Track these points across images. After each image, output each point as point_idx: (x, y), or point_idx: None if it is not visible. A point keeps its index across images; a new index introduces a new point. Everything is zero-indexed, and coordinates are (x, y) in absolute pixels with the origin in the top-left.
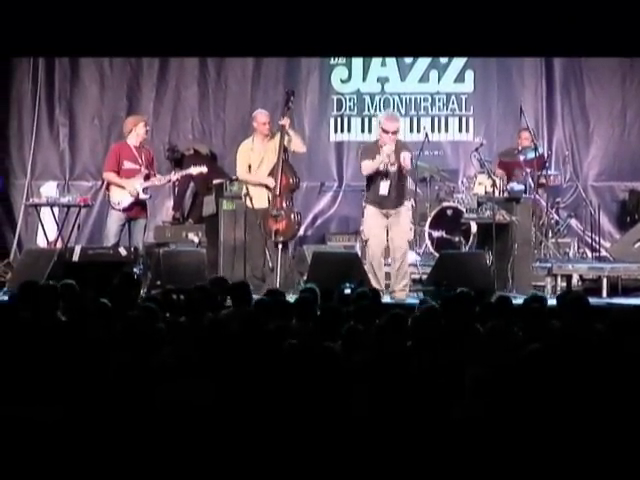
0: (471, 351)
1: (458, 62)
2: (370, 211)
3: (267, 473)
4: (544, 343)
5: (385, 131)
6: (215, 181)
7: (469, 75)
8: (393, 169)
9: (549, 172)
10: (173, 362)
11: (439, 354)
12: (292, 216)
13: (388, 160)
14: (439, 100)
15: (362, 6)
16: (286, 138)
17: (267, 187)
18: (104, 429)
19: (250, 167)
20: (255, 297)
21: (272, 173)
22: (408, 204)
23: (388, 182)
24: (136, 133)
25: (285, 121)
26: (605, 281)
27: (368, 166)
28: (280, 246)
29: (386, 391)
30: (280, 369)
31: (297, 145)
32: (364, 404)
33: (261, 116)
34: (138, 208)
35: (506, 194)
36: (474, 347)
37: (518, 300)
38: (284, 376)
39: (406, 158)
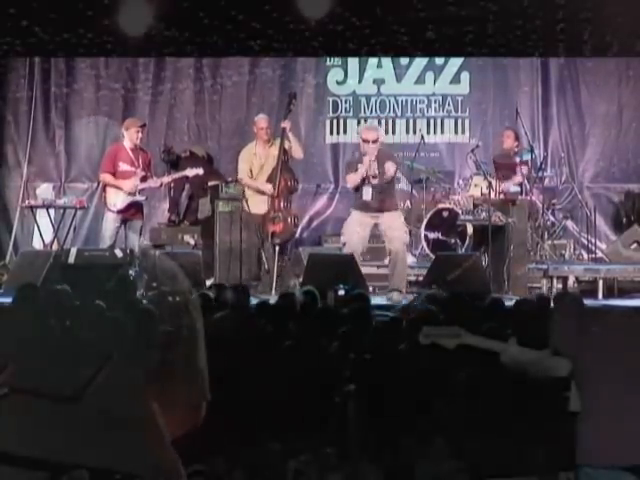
0: (464, 354)
1: (454, 64)
2: (353, 217)
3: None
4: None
5: (365, 140)
6: (211, 183)
7: (465, 77)
8: (375, 181)
9: (545, 174)
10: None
11: (433, 356)
12: (289, 218)
13: (370, 171)
14: (435, 102)
15: (359, 5)
16: (286, 142)
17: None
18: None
19: (252, 171)
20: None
21: (270, 178)
22: (399, 211)
23: (370, 188)
24: (129, 137)
25: (287, 124)
26: (601, 283)
27: (352, 179)
28: (277, 248)
29: (381, 392)
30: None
31: (296, 151)
32: (361, 405)
33: (261, 121)
34: (134, 210)
35: (502, 196)
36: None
37: (511, 303)
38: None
39: (390, 169)
